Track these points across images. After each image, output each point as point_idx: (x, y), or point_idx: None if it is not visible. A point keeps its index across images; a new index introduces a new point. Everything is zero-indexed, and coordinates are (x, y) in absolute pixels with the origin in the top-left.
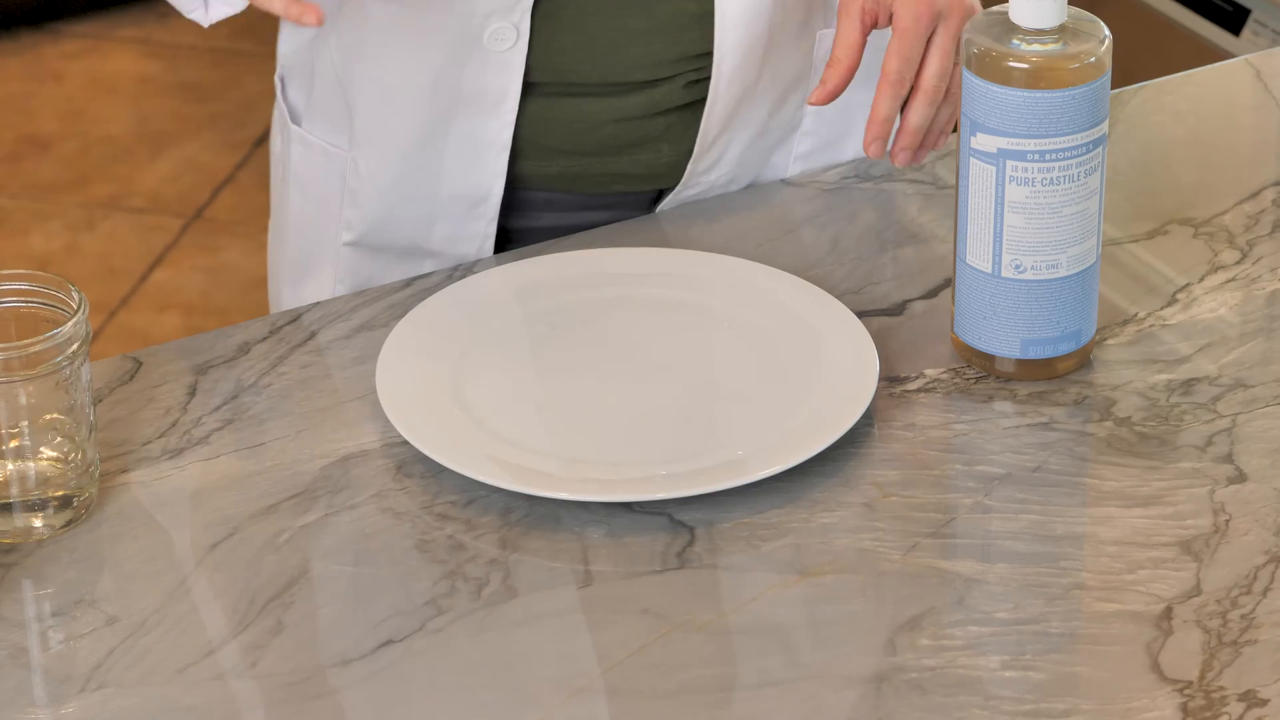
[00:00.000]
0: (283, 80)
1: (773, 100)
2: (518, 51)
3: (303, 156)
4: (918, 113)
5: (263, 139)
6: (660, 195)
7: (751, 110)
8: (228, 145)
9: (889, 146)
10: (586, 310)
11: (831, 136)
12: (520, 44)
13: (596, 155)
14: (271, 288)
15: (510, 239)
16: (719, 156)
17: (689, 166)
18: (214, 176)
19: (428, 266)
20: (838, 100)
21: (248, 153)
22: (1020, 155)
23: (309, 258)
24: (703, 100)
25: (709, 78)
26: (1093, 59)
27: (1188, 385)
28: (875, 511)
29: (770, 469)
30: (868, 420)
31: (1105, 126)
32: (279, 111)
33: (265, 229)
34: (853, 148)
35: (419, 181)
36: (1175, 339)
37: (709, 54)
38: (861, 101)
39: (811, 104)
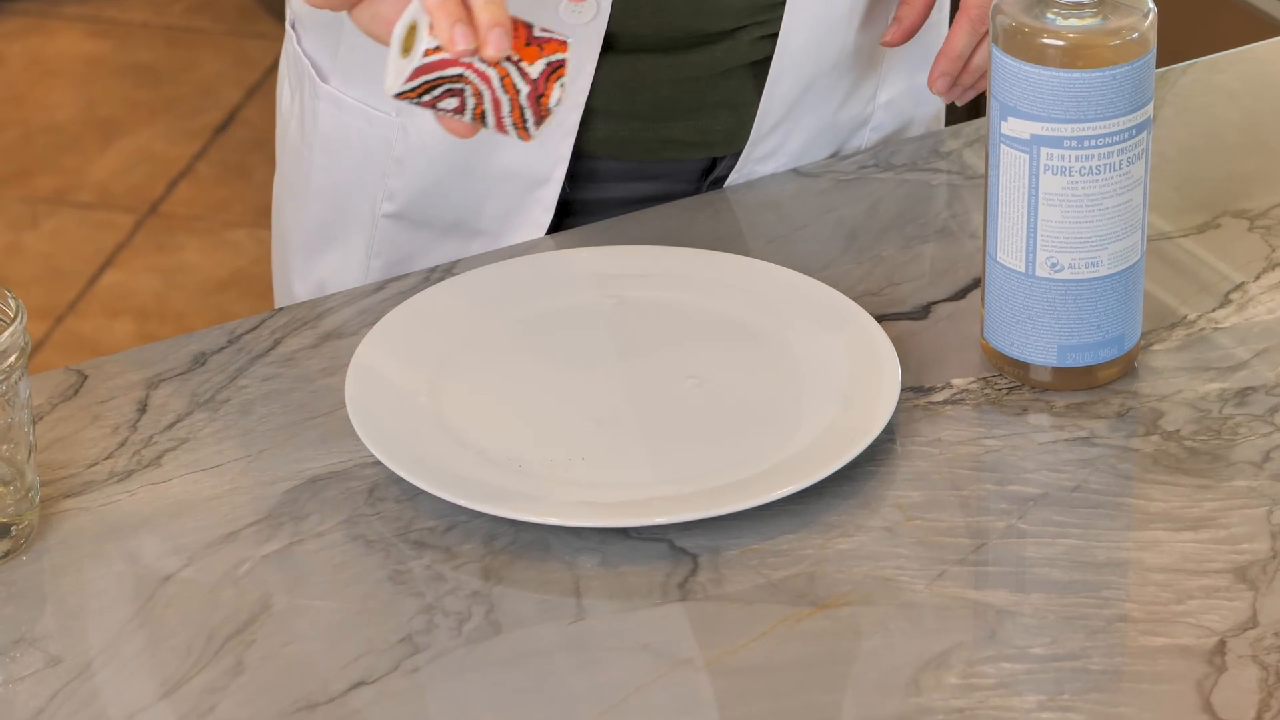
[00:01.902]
0: (295, 29)
1: (843, 91)
2: (596, 27)
3: (335, 119)
4: (960, 38)
5: (224, 126)
6: (713, 165)
7: (820, 98)
8: (185, 133)
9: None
10: (578, 315)
11: (898, 127)
12: (600, 19)
13: (650, 119)
14: (277, 258)
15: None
16: (778, 146)
17: (744, 152)
18: (170, 168)
19: (475, 246)
20: (905, 90)
21: (207, 141)
22: (1056, 142)
23: (335, 227)
24: (768, 61)
25: (777, 34)
26: (1135, 35)
27: (1243, 395)
28: (898, 536)
29: (781, 490)
30: (889, 435)
31: (1150, 109)
32: (294, 65)
33: (226, 225)
34: (917, 133)
35: (473, 153)
36: (1229, 343)
37: (780, 5)
38: (926, 87)
39: (886, 44)
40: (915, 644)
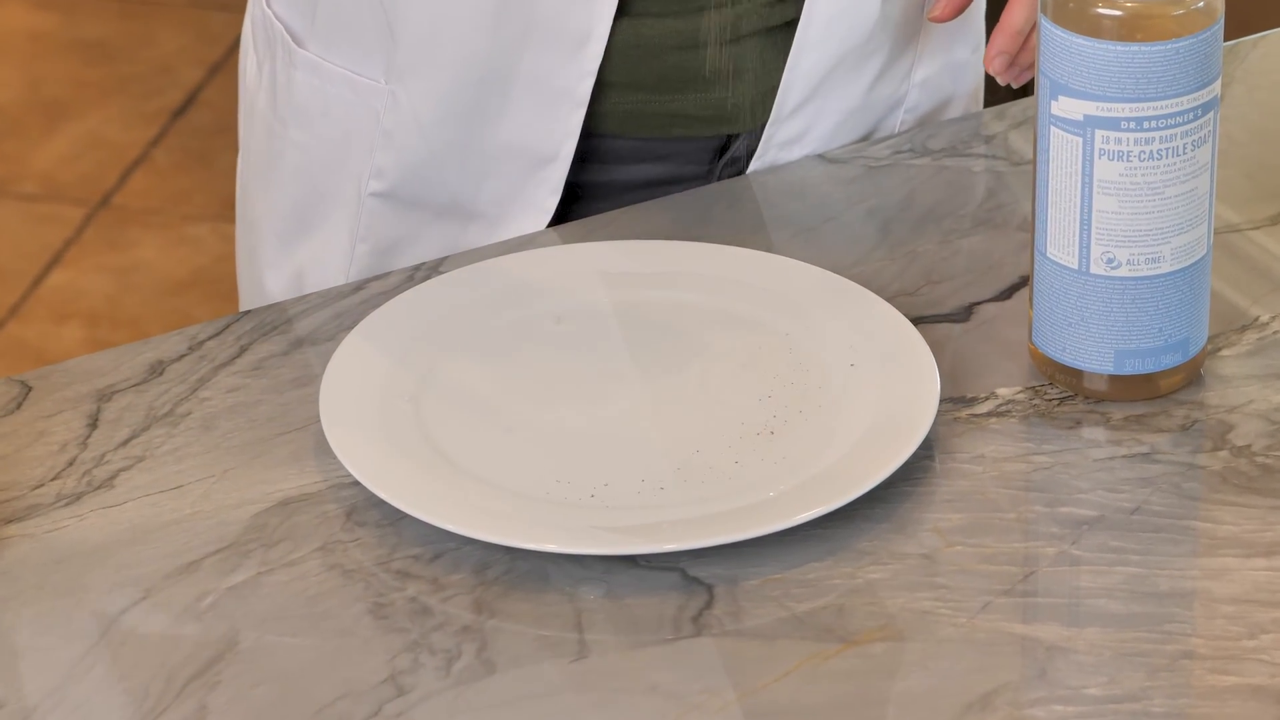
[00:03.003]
0: None
1: (876, 68)
2: None
3: (313, 87)
4: (1019, 12)
5: (183, 108)
6: (728, 144)
7: (850, 75)
8: (140, 117)
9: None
10: (579, 318)
11: (934, 107)
12: None
13: (656, 91)
14: (244, 249)
15: None
16: (803, 130)
17: (765, 136)
18: (123, 155)
19: (472, 231)
20: (943, 66)
21: (164, 125)
22: (1112, 123)
23: (314, 210)
24: (788, 29)
25: None
26: (1201, 3)
27: None
28: (936, 564)
29: (807, 513)
30: (927, 452)
31: (1217, 87)
32: (262, 30)
33: (187, 219)
34: (955, 114)
35: (471, 125)
36: None
37: None
38: (965, 62)
39: (934, 19)
40: (956, 684)
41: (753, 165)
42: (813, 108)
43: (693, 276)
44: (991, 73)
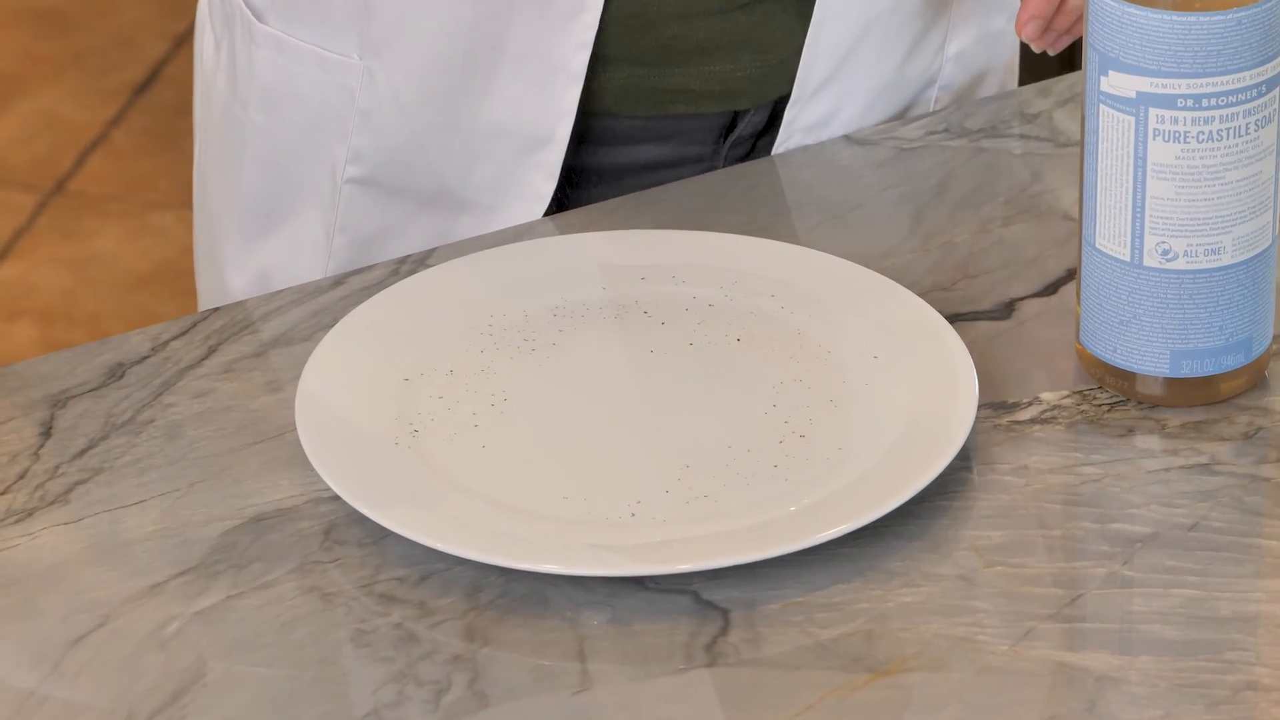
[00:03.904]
0: None
1: (907, 41)
2: None
3: (278, 66)
4: None
5: (145, 86)
6: (734, 122)
7: (879, 50)
8: (98, 94)
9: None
10: (580, 317)
11: (968, 82)
12: None
13: (654, 65)
14: (202, 247)
15: None
16: (830, 114)
17: (786, 117)
18: (79, 136)
19: (463, 222)
20: (979, 38)
21: (125, 104)
22: (1168, 101)
23: (281, 201)
24: None
25: None
26: None
27: None
28: (975, 586)
29: (831, 530)
30: (964, 462)
31: None
32: (219, 5)
33: (149, 206)
34: (990, 89)
35: (457, 104)
36: None
37: None
38: (1001, 32)
39: None
40: (996, 718)
41: (774, 152)
42: (839, 87)
43: (704, 270)
44: (1024, 39)
